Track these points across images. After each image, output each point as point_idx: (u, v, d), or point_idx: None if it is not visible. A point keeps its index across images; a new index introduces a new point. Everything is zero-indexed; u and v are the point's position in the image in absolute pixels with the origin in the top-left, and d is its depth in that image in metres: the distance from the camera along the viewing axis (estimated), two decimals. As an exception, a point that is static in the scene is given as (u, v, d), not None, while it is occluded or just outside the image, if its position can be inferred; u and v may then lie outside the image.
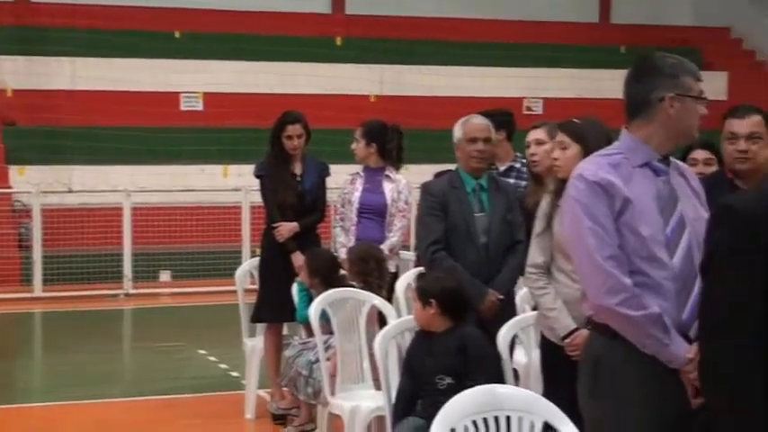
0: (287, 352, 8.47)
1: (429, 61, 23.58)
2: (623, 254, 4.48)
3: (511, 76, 23.55)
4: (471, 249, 7.08)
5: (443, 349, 6.19)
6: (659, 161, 4.60)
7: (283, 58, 22.55)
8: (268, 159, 9.38)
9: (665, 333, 4.38)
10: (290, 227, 9.12)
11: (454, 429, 5.05)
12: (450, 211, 7.15)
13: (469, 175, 7.28)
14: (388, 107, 19.45)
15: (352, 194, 9.24)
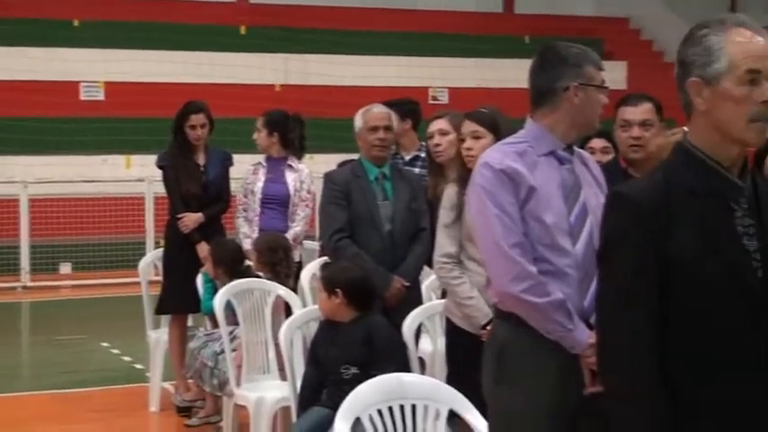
0: (192, 343, 8.46)
1: (335, 50, 23.55)
2: (528, 241, 4.54)
3: (416, 66, 23.63)
4: (376, 237, 7.10)
5: (349, 339, 6.21)
6: (563, 150, 4.66)
7: (187, 47, 22.40)
8: (171, 149, 9.34)
9: (568, 319, 4.46)
10: (195, 218, 9.09)
11: (359, 418, 5.08)
12: (353, 200, 7.16)
13: (372, 164, 7.31)
14: (293, 96, 19.39)
15: (254, 185, 9.25)
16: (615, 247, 3.33)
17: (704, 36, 3.30)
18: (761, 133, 3.27)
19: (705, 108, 3.29)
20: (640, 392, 3.25)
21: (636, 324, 3.25)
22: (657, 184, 3.33)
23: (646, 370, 3.23)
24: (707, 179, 3.30)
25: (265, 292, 7.75)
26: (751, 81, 3.21)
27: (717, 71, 3.25)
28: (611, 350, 3.34)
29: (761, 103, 3.20)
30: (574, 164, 4.69)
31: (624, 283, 3.28)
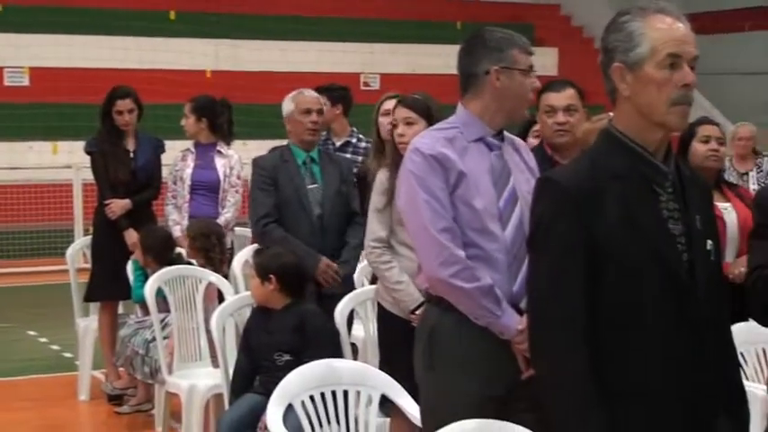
0: (122, 331, 8.45)
1: (266, 36, 23.49)
2: (457, 226, 4.59)
3: (348, 52, 23.57)
4: (305, 221, 7.10)
5: (281, 326, 6.24)
6: (493, 136, 4.72)
7: (114, 32, 22.13)
8: (99, 135, 9.28)
9: (496, 305, 4.51)
10: (123, 204, 9.04)
11: (292, 404, 5.11)
12: (281, 185, 7.15)
13: (300, 149, 7.31)
14: (224, 82, 19.29)
15: (183, 171, 9.23)
16: (545, 232, 3.36)
17: (626, 22, 3.36)
18: (682, 117, 3.35)
19: (629, 93, 3.36)
20: (572, 376, 3.29)
21: (567, 308, 3.29)
22: (585, 170, 3.40)
23: (577, 353, 3.28)
24: (632, 164, 3.36)
25: (197, 279, 7.76)
26: (672, 65, 3.29)
27: (639, 56, 3.32)
28: (542, 334, 3.38)
29: (682, 87, 3.28)
30: (504, 150, 4.74)
31: (555, 267, 3.33)
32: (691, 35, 3.37)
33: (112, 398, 8.94)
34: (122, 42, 22.03)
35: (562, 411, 3.33)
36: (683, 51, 3.31)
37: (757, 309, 4.06)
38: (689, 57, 3.32)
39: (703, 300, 3.35)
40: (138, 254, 8.37)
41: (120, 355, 8.33)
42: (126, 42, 22.07)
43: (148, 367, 7.90)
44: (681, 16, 3.39)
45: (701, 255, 3.38)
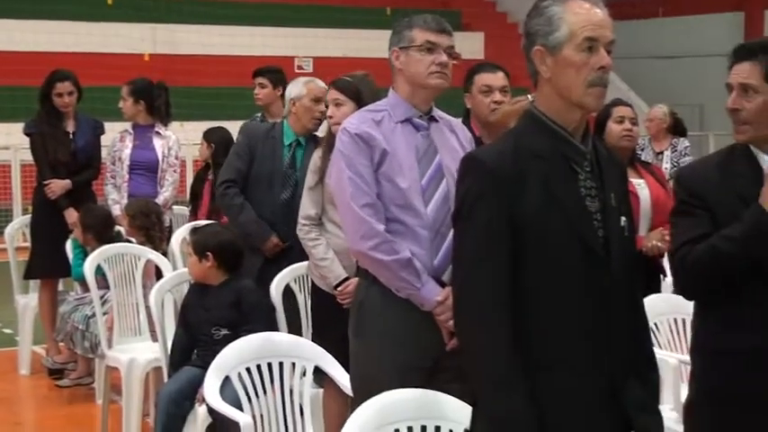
0: (62, 308, 8.39)
1: (202, 20, 23.30)
2: (381, 202, 4.67)
3: (282, 36, 23.48)
4: (268, 201, 7.05)
5: (218, 302, 6.23)
6: (422, 117, 4.78)
7: (52, 17, 21.92)
8: (38, 117, 9.22)
9: (416, 277, 4.58)
10: (62, 184, 9.00)
11: (229, 377, 5.16)
12: (258, 159, 7.14)
13: (292, 130, 7.21)
14: (162, 66, 19.20)
15: (122, 152, 9.19)
16: (470, 209, 3.39)
17: (546, 7, 3.41)
18: (599, 98, 3.40)
19: (549, 75, 3.40)
20: (495, 347, 3.32)
21: (490, 282, 3.32)
22: (508, 149, 3.43)
23: (501, 326, 3.31)
24: (553, 144, 3.40)
25: (136, 257, 7.74)
26: (589, 48, 3.34)
27: (558, 39, 3.36)
28: (467, 306, 3.41)
29: (598, 69, 3.33)
30: (432, 130, 4.80)
31: (479, 243, 3.36)
32: (608, 20, 3.41)
33: (53, 372, 8.90)
34: (60, 26, 21.79)
35: (485, 382, 3.36)
36: (600, 35, 3.36)
37: (686, 283, 4.10)
38: (605, 41, 3.36)
39: (617, 273, 3.41)
40: (78, 232, 8.32)
41: (61, 331, 8.27)
42: (63, 26, 21.83)
43: (88, 342, 7.87)
44: (599, 2, 3.43)
45: (615, 231, 3.44)
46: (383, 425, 4.02)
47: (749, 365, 3.98)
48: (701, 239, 3.93)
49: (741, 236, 3.86)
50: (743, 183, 3.99)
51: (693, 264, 3.94)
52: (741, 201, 3.94)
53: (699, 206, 4.01)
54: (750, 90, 3.96)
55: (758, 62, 3.98)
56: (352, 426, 3.98)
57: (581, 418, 3.38)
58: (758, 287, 3.95)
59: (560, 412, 3.35)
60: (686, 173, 4.27)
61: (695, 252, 3.93)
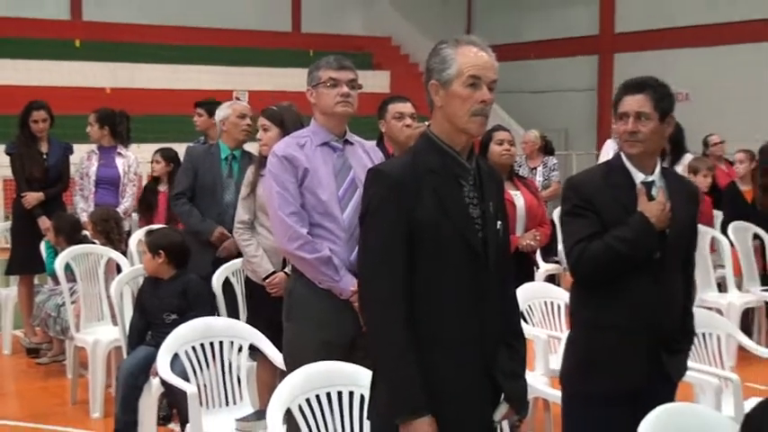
0: (38, 298, 8.38)
1: (154, 60, 23.19)
2: (304, 211, 4.74)
3: (222, 74, 23.33)
4: (214, 206, 7.07)
5: (169, 292, 6.20)
6: (336, 141, 4.84)
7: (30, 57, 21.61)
8: (17, 140, 9.10)
9: (335, 272, 4.66)
10: (36, 196, 8.91)
11: (177, 353, 5.17)
12: (201, 173, 7.14)
13: (226, 145, 7.25)
14: (121, 98, 18.89)
15: (89, 169, 9.09)
16: (375, 210, 3.42)
17: (442, 49, 3.48)
18: (480, 126, 3.46)
19: (441, 104, 3.46)
20: (391, 326, 3.38)
21: (390, 271, 3.37)
22: (407, 164, 3.48)
23: (396, 309, 3.36)
24: (443, 161, 3.46)
25: (99, 255, 7.67)
26: (473, 85, 3.40)
27: (449, 76, 3.43)
28: (370, 291, 3.46)
29: (480, 102, 3.40)
30: (346, 151, 4.86)
31: (382, 238, 3.40)
32: (492, 63, 3.49)
33: (30, 351, 8.81)
34: (36, 65, 21.50)
35: (383, 353, 3.41)
36: (483, 75, 3.43)
37: (584, 273, 4.15)
38: (488, 80, 3.43)
39: (492, 267, 3.49)
40: (51, 235, 8.22)
41: (36, 317, 8.24)
42: (39, 65, 21.54)
43: (60, 326, 7.81)
44: (486, 47, 3.51)
45: (492, 233, 3.51)
46: (307, 390, 4.07)
47: (621, 337, 4.09)
48: (592, 237, 4.05)
49: (632, 238, 4.02)
50: (621, 192, 4.15)
51: (591, 259, 4.05)
52: (622, 207, 4.10)
53: (589, 209, 4.11)
54: (643, 117, 4.09)
55: (648, 94, 4.12)
56: (282, 391, 4.03)
57: (461, 383, 3.45)
58: (629, 276, 4.07)
59: (444, 378, 3.41)
60: (576, 181, 4.32)
61: (591, 249, 4.04)
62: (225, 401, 5.35)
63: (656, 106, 4.11)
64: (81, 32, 24.02)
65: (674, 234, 4.12)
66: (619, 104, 4.16)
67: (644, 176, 4.15)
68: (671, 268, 4.18)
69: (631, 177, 4.14)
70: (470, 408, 3.48)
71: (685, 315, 4.29)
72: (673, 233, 4.12)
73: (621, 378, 4.08)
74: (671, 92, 4.23)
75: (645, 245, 4.04)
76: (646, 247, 4.05)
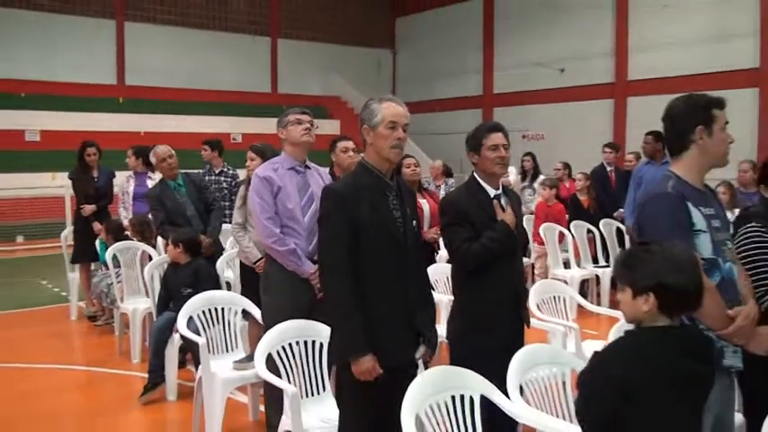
0: (94, 279, 8.25)
1: (175, 112, 22.88)
2: (277, 216, 4.69)
3: (222, 123, 23.09)
4: (184, 220, 6.85)
5: (185, 273, 6.12)
6: (300, 166, 4.80)
7: (86, 110, 21.31)
8: (76, 168, 9.01)
9: (299, 259, 4.63)
10: (91, 208, 8.81)
11: (191, 317, 5.11)
12: (166, 203, 6.88)
13: (169, 179, 7.04)
14: (150, 138, 18.72)
15: (128, 188, 8.90)
16: (327, 217, 3.47)
17: (371, 104, 3.55)
18: (398, 155, 3.52)
19: (371, 142, 3.52)
20: (340, 294, 3.40)
21: (339, 256, 3.41)
22: (349, 183, 3.53)
23: (344, 281, 3.38)
24: (374, 180, 3.51)
25: (136, 249, 7.56)
26: (392, 128, 3.47)
27: (376, 122, 3.50)
28: (326, 271, 3.49)
29: (396, 139, 3.46)
30: (307, 174, 4.82)
31: (332, 236, 3.44)
32: (405, 112, 3.54)
33: (90, 317, 8.64)
34: (92, 116, 21.13)
35: (336, 314, 3.45)
36: (399, 120, 3.50)
37: (468, 266, 4.03)
38: (402, 123, 3.51)
39: (411, 253, 3.54)
40: (103, 235, 8.13)
41: (94, 293, 8.13)
42: (94, 116, 21.18)
43: (110, 299, 7.69)
44: (401, 102, 3.57)
45: (409, 229, 3.55)
46: (282, 340, 4.10)
47: (494, 306, 4.04)
48: (471, 240, 3.98)
49: (500, 239, 3.98)
50: (481, 202, 4.09)
51: (474, 255, 3.98)
52: (485, 214, 4.04)
53: (464, 219, 4.04)
54: (503, 148, 4.07)
55: (503, 132, 4.12)
56: (264, 341, 4.08)
57: (393, 331, 3.48)
58: (497, 263, 4.01)
59: (381, 327, 3.43)
60: (450, 199, 4.21)
61: (472, 248, 3.98)
62: (225, 349, 5.30)
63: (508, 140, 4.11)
64: (123, 92, 23.67)
65: (517, 232, 4.11)
66: (487, 139, 4.05)
67: (494, 191, 4.10)
68: (518, 253, 4.22)
69: (486, 192, 4.09)
70: (400, 348, 3.51)
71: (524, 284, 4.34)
72: (517, 231, 4.11)
73: (498, 335, 3.99)
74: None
75: (508, 243, 4.02)
76: (509, 244, 4.02)
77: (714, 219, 3.10)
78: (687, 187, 3.10)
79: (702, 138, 3.12)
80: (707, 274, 2.94)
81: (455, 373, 3.34)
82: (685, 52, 20.71)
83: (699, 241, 3.01)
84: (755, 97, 19.55)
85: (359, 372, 3.36)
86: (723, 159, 3.17)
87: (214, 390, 4.78)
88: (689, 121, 3.13)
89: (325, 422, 3.70)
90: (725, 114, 3.15)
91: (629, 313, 2.49)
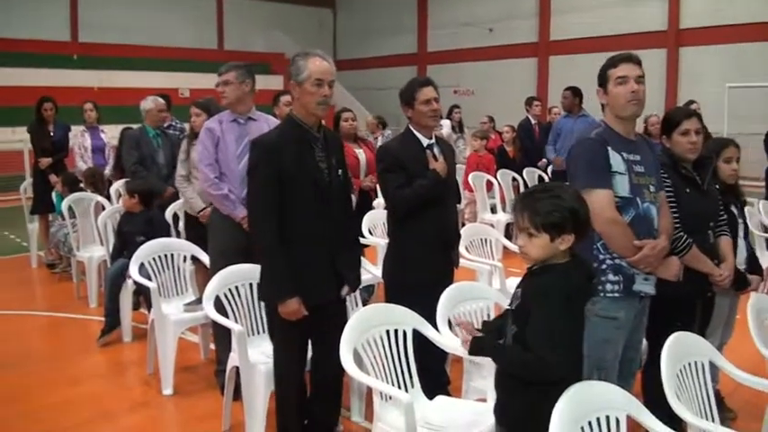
0: (52, 229, 8.01)
1: (127, 68, 22.18)
2: (217, 164, 4.59)
3: (171, 78, 22.28)
4: (155, 168, 6.87)
5: (140, 222, 5.94)
6: (242, 118, 4.65)
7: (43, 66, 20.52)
8: (34, 123, 8.67)
9: (232, 203, 4.52)
10: (47, 161, 8.52)
11: (143, 263, 5.01)
12: (141, 148, 6.91)
13: (151, 128, 7.05)
14: (105, 94, 18.23)
15: (85, 142, 8.62)
16: (255, 167, 3.39)
17: (297, 60, 3.42)
18: (324, 111, 3.42)
19: (298, 97, 3.42)
20: (266, 234, 3.35)
21: (266, 201, 3.34)
22: (276, 135, 3.46)
23: (271, 221, 3.32)
24: (300, 132, 3.42)
25: (90, 200, 7.36)
26: (318, 84, 3.36)
27: (302, 78, 3.38)
28: (254, 213, 3.44)
29: (323, 96, 3.37)
30: (248, 124, 4.65)
31: (261, 185, 3.36)
32: (331, 69, 3.42)
33: (49, 265, 8.41)
34: (48, 72, 20.30)
35: (263, 253, 3.40)
36: (325, 77, 3.39)
37: (401, 209, 4.03)
38: (328, 80, 3.40)
39: (335, 200, 3.49)
40: (59, 187, 7.87)
41: (52, 242, 7.92)
42: (50, 72, 20.36)
43: (67, 248, 7.49)
44: (327, 57, 3.44)
45: (335, 178, 3.49)
46: (228, 284, 4.06)
47: (427, 244, 4.04)
48: (404, 186, 3.96)
49: (430, 185, 3.96)
50: (416, 151, 4.06)
51: (405, 200, 3.97)
52: (419, 162, 4.01)
53: (398, 166, 4.01)
54: (435, 101, 4.04)
55: (434, 86, 4.08)
56: (212, 284, 4.03)
57: (317, 271, 3.43)
58: (429, 205, 4.00)
59: (305, 272, 3.38)
60: (387, 147, 4.20)
61: (404, 194, 3.96)
62: (176, 293, 5.23)
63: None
64: (77, 49, 22.89)
65: (449, 180, 4.12)
66: (420, 94, 4.02)
67: (427, 141, 4.08)
68: (450, 200, 4.21)
69: (420, 142, 4.07)
70: (323, 288, 3.47)
71: (457, 226, 4.36)
72: (449, 179, 4.11)
73: (429, 270, 4.01)
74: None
75: (437, 189, 4.00)
76: (438, 190, 4.01)
77: (638, 164, 3.18)
78: (613, 135, 3.20)
79: (603, 96, 3.28)
80: (620, 211, 3.13)
81: (389, 310, 3.39)
82: (602, 15, 20.88)
83: (616, 181, 3.11)
84: (664, 57, 19.86)
85: (285, 313, 3.36)
86: (625, 110, 3.20)
87: (166, 331, 4.72)
88: (598, 83, 3.29)
89: (269, 357, 3.69)
90: (621, 69, 3.20)
91: (541, 255, 2.47)
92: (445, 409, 3.31)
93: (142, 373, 5.09)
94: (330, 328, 3.34)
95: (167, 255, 5.14)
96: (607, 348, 3.12)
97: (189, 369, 5.14)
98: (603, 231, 3.09)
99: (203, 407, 4.48)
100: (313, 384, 3.67)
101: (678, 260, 3.35)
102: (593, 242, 3.12)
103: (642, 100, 3.20)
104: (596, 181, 3.06)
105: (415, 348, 3.35)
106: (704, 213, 3.67)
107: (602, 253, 3.14)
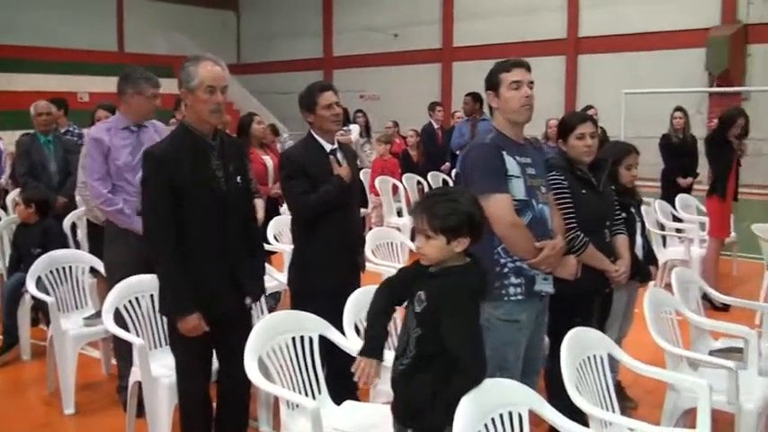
0: None
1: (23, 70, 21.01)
2: (109, 176, 4.41)
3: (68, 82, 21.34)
4: (45, 176, 6.65)
5: (35, 233, 5.69)
6: (134, 126, 4.48)
7: None
8: None
9: (128, 217, 4.35)
10: None
11: (40, 276, 4.83)
12: (32, 156, 6.64)
13: (41, 134, 6.78)
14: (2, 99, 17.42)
15: None
16: (146, 179, 3.28)
17: (187, 66, 3.27)
18: (218, 118, 3.29)
19: (190, 104, 3.27)
20: (162, 246, 3.24)
21: (160, 214, 3.21)
22: (169, 145, 3.33)
23: (166, 236, 3.22)
24: (195, 141, 3.30)
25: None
26: (210, 91, 3.23)
27: (193, 86, 3.23)
28: (149, 233, 3.29)
29: (216, 104, 3.22)
30: (140, 132, 4.49)
31: (154, 197, 3.24)
32: (223, 74, 3.29)
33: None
34: None
35: (160, 271, 3.30)
36: (217, 84, 3.25)
37: (306, 215, 3.97)
38: (220, 87, 3.25)
39: (234, 208, 3.36)
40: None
41: None
42: None
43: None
44: (219, 61, 3.31)
45: (233, 185, 3.36)
46: (127, 295, 3.96)
47: (332, 250, 3.97)
48: (308, 192, 3.89)
49: (334, 191, 3.92)
50: (319, 157, 4.00)
51: (310, 206, 3.90)
52: (323, 168, 3.95)
53: (301, 172, 3.94)
54: (336, 105, 4.00)
55: (333, 90, 4.04)
56: (111, 297, 3.92)
57: (217, 282, 3.32)
58: (334, 211, 3.95)
59: (203, 285, 3.27)
60: (289, 154, 4.14)
61: (309, 200, 3.89)
62: (75, 306, 5.01)
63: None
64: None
65: (353, 184, 4.09)
66: (321, 98, 3.98)
67: (330, 146, 4.05)
68: (354, 204, 4.18)
69: (323, 148, 4.03)
70: (226, 300, 3.36)
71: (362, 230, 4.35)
72: (353, 184, 4.09)
73: (335, 275, 3.96)
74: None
75: (343, 195, 3.97)
76: (343, 196, 3.98)
77: (530, 167, 3.23)
78: (505, 139, 3.23)
79: (494, 100, 3.28)
80: (519, 214, 3.18)
81: (294, 317, 3.37)
82: (503, 23, 21.44)
83: (512, 185, 3.15)
84: (563, 64, 20.57)
85: (185, 329, 3.26)
86: (519, 115, 3.26)
87: (65, 347, 4.54)
88: (487, 86, 3.33)
89: (172, 370, 3.58)
90: (515, 74, 3.25)
91: (438, 257, 2.52)
92: (353, 414, 3.31)
93: (42, 392, 4.87)
94: (235, 338, 3.26)
95: (66, 267, 4.93)
96: (509, 350, 3.18)
97: (91, 386, 4.94)
98: (505, 235, 3.13)
99: (107, 425, 4.32)
100: (219, 396, 3.58)
101: (575, 259, 3.46)
102: (493, 247, 3.17)
103: (533, 105, 3.28)
104: (494, 186, 3.10)
105: (323, 354, 3.33)
106: (600, 213, 3.83)
107: (504, 257, 3.17)
